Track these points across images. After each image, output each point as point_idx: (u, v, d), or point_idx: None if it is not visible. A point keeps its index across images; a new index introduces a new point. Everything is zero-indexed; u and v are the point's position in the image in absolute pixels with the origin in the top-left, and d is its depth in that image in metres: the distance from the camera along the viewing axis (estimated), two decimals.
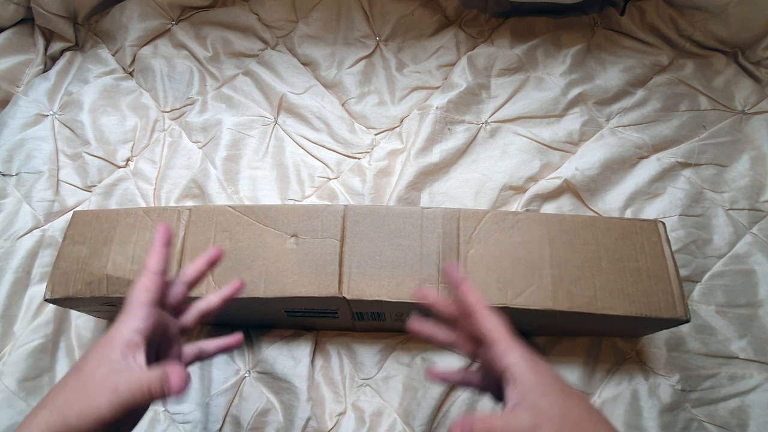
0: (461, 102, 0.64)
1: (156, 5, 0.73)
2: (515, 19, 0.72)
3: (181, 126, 0.68)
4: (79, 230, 0.48)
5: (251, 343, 0.53)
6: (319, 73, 0.70)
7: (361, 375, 0.51)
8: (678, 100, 0.65)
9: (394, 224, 0.46)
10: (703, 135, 0.63)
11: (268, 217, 0.46)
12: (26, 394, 0.50)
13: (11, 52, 0.70)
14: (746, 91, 0.65)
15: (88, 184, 0.63)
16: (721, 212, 0.58)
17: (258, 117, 0.67)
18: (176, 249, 0.46)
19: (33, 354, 0.51)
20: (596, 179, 0.59)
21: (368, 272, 0.44)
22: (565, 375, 0.50)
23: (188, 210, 0.48)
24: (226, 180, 0.62)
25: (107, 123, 0.66)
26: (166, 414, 0.51)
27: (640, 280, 0.43)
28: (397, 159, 0.63)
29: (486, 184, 0.60)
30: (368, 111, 0.67)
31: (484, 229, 0.46)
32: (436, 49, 0.71)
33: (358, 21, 0.73)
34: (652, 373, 0.50)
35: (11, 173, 0.62)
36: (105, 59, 0.73)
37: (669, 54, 0.68)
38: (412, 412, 0.49)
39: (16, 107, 0.67)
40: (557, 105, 0.65)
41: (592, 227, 0.46)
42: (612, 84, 0.66)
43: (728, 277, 0.54)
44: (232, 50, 0.72)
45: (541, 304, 0.43)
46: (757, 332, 0.52)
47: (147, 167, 0.64)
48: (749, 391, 0.49)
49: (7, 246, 0.57)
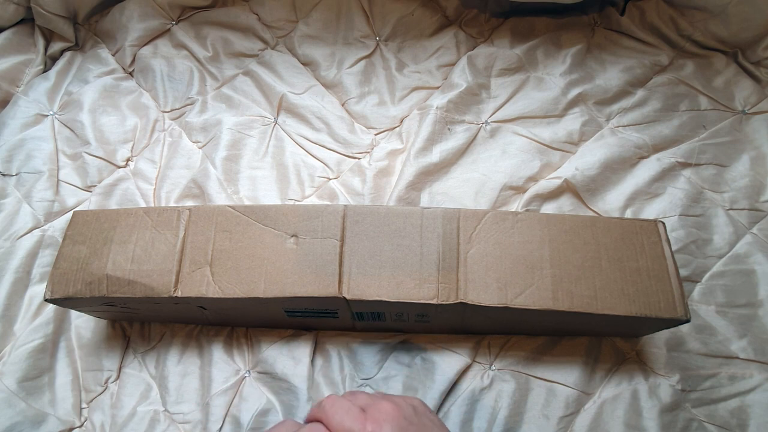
0: (461, 102, 0.64)
1: (156, 5, 0.73)
2: (515, 19, 0.72)
3: (181, 126, 0.68)
4: (79, 230, 0.48)
5: (251, 343, 0.53)
6: (319, 73, 0.70)
7: (361, 375, 0.51)
8: (678, 100, 0.65)
9: (394, 224, 0.46)
10: (703, 135, 0.63)
11: (268, 217, 0.46)
12: (26, 394, 0.50)
13: (11, 52, 0.70)
14: (746, 91, 0.65)
15: (88, 184, 0.63)
16: (721, 212, 0.58)
17: (258, 117, 0.67)
18: (176, 249, 0.46)
19: (33, 354, 0.51)
20: (596, 179, 0.59)
21: (368, 272, 0.44)
22: (565, 375, 0.50)
23: (188, 210, 0.48)
24: (226, 180, 0.62)
25: (107, 123, 0.66)
26: (166, 414, 0.51)
27: (640, 280, 0.43)
28: (397, 159, 0.63)
29: (486, 184, 0.60)
30: (368, 111, 0.67)
31: (484, 229, 0.46)
32: (436, 49, 0.71)
33: (358, 21, 0.73)
34: (652, 373, 0.50)
35: (11, 173, 0.62)
36: (105, 59, 0.73)
37: (669, 54, 0.68)
38: None
39: (16, 107, 0.67)
40: (557, 105, 0.65)
41: (592, 227, 0.46)
42: (612, 84, 0.66)
43: (728, 277, 0.54)
44: (232, 50, 0.72)
45: (541, 304, 0.43)
46: (757, 332, 0.52)
47: (147, 167, 0.64)
48: (749, 391, 0.49)
49: (7, 246, 0.57)
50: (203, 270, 0.45)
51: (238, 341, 0.54)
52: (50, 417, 0.49)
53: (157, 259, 0.45)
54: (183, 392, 0.51)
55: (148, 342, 0.55)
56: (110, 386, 0.53)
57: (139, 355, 0.54)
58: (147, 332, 0.55)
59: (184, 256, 0.46)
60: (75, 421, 0.51)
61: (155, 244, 0.46)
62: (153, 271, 0.45)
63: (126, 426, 0.50)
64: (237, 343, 0.54)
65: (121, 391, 0.52)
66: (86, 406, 0.52)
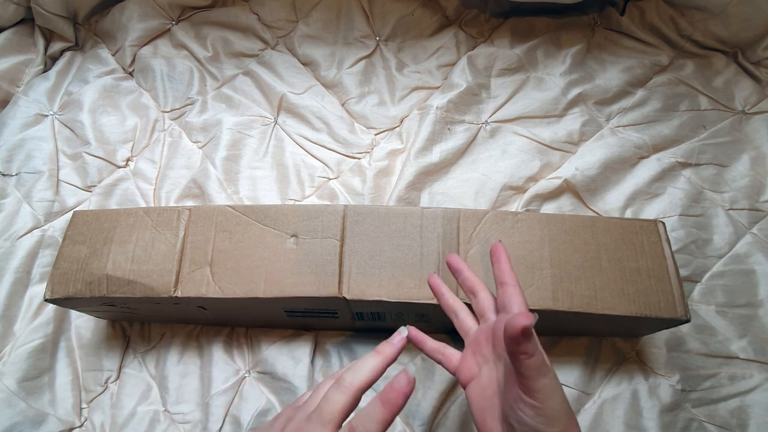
0: (461, 102, 0.64)
1: (156, 5, 0.73)
2: (515, 19, 0.72)
3: (181, 126, 0.68)
4: (79, 230, 0.48)
5: (251, 343, 0.53)
6: (319, 73, 0.70)
7: None
8: (678, 100, 0.65)
9: (394, 224, 0.46)
10: (703, 135, 0.63)
11: (268, 217, 0.46)
12: (26, 394, 0.50)
13: (11, 52, 0.70)
14: (746, 91, 0.65)
15: (88, 184, 0.63)
16: (721, 212, 0.58)
17: (258, 117, 0.67)
18: (176, 249, 0.46)
19: (33, 354, 0.51)
20: (596, 179, 0.59)
21: (368, 272, 0.44)
22: (565, 375, 0.50)
23: (188, 210, 0.48)
24: (226, 180, 0.62)
25: (107, 123, 0.66)
26: (166, 414, 0.51)
27: (640, 280, 0.43)
28: (397, 159, 0.63)
29: (486, 184, 0.60)
30: (368, 111, 0.67)
31: (484, 229, 0.46)
32: (436, 49, 0.71)
33: (358, 21, 0.73)
34: (652, 373, 0.50)
35: (11, 173, 0.62)
36: (105, 59, 0.73)
37: (669, 54, 0.68)
38: (412, 412, 0.49)
39: (16, 107, 0.67)
40: (557, 105, 0.65)
41: (592, 227, 0.46)
42: (612, 84, 0.66)
43: (728, 277, 0.54)
44: (232, 50, 0.72)
45: (541, 304, 0.43)
46: (757, 332, 0.52)
47: (147, 167, 0.64)
48: (749, 391, 0.49)
49: (7, 246, 0.57)
50: (203, 270, 0.45)
51: (238, 341, 0.54)
52: (50, 417, 0.49)
53: (157, 259, 0.45)
54: (183, 392, 0.51)
55: (148, 342, 0.55)
56: (110, 386, 0.53)
57: (139, 355, 0.54)
58: (147, 332, 0.55)
59: (184, 256, 0.46)
60: (75, 421, 0.51)
61: (155, 244, 0.46)
62: (153, 271, 0.45)
63: (126, 426, 0.50)
64: (237, 343, 0.54)
65: (121, 391, 0.52)
66: (86, 406, 0.52)
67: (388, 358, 0.32)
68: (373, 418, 0.28)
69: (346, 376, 0.30)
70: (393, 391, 0.29)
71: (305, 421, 0.29)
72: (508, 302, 0.35)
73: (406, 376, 0.29)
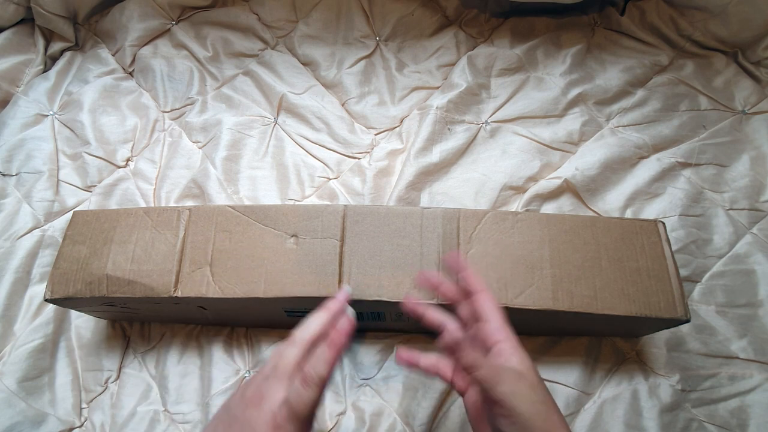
0: (461, 102, 0.64)
1: (156, 5, 0.73)
2: (515, 19, 0.72)
3: (181, 126, 0.68)
4: (79, 230, 0.48)
5: (251, 343, 0.53)
6: (319, 73, 0.70)
7: (361, 375, 0.51)
8: (678, 100, 0.65)
9: (394, 224, 0.46)
10: (703, 135, 0.63)
11: (268, 217, 0.46)
12: (26, 394, 0.50)
13: (11, 52, 0.70)
14: (746, 91, 0.65)
15: (88, 184, 0.63)
16: (721, 212, 0.58)
17: (258, 117, 0.67)
18: (176, 249, 0.46)
19: (33, 354, 0.51)
20: (596, 179, 0.59)
21: (368, 272, 0.44)
22: (565, 375, 0.50)
23: (188, 210, 0.48)
24: (226, 180, 0.62)
25: (107, 123, 0.66)
26: (166, 414, 0.51)
27: (640, 280, 0.43)
28: (397, 159, 0.63)
29: (486, 184, 0.60)
30: (368, 111, 0.67)
31: (484, 229, 0.46)
32: (436, 49, 0.71)
33: (358, 21, 0.73)
34: (652, 373, 0.50)
35: (11, 173, 0.62)
36: (105, 59, 0.73)
37: (669, 54, 0.68)
38: (412, 412, 0.49)
39: (16, 107, 0.67)
40: (557, 105, 0.65)
41: (592, 227, 0.46)
42: (612, 84, 0.66)
43: (728, 277, 0.54)
44: (232, 50, 0.72)
45: (541, 304, 0.43)
46: (757, 332, 0.52)
47: (147, 167, 0.64)
48: (749, 391, 0.49)
49: (7, 246, 0.57)
50: (203, 270, 0.45)
51: (238, 341, 0.54)
52: (50, 417, 0.49)
53: (157, 259, 0.45)
54: (183, 392, 0.51)
55: (148, 342, 0.55)
56: (110, 386, 0.53)
57: (139, 355, 0.54)
58: (147, 332, 0.55)
59: (184, 256, 0.46)
60: (75, 421, 0.51)
61: (155, 244, 0.46)
62: (153, 271, 0.45)
63: (126, 426, 0.50)
64: (237, 343, 0.54)
65: (121, 391, 0.52)
66: (86, 406, 0.52)
67: (331, 311, 0.37)
68: (322, 359, 0.32)
69: (296, 333, 0.35)
70: (336, 332, 0.35)
71: (263, 380, 0.32)
72: (481, 310, 0.36)
73: (347, 319, 0.36)
